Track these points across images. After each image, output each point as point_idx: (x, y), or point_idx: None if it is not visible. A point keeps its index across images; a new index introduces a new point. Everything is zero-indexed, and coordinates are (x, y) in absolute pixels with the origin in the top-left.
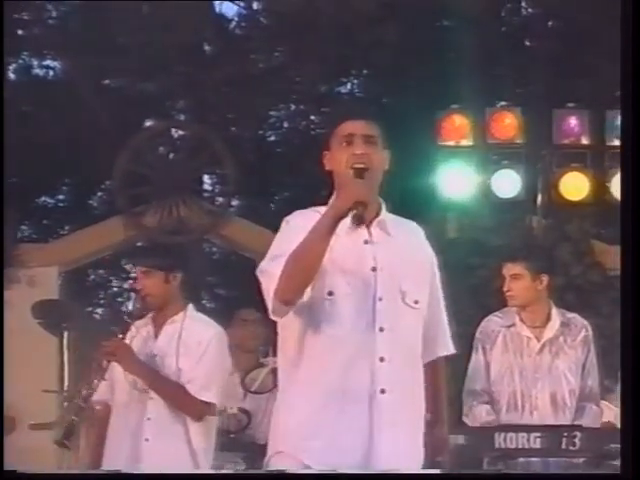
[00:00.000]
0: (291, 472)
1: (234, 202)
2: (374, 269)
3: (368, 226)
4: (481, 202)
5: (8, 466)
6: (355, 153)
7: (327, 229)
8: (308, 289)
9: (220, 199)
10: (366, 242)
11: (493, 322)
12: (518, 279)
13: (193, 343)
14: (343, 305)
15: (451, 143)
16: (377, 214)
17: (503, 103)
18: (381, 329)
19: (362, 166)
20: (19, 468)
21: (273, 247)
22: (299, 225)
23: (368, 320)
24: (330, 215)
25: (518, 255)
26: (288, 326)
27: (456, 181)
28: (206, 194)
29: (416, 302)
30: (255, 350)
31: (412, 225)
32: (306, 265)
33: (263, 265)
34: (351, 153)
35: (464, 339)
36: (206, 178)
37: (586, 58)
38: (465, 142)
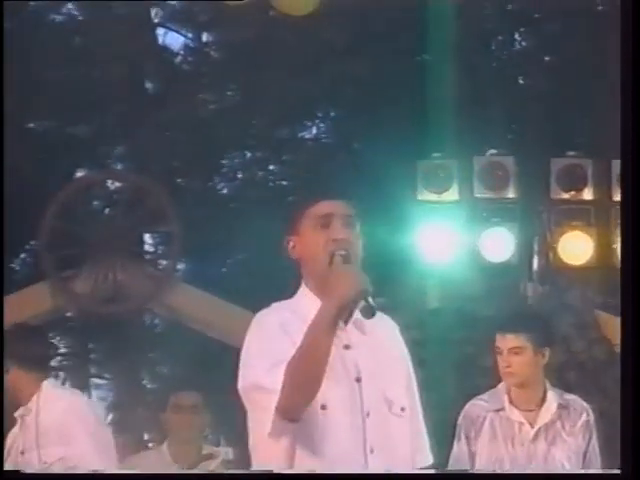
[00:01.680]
0: (291, 472)
1: (180, 265)
2: (358, 380)
3: (345, 323)
4: (467, 266)
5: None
6: (335, 238)
7: (328, 326)
8: None
9: (164, 262)
10: (346, 347)
11: (478, 406)
12: (519, 353)
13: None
14: (335, 421)
15: (433, 198)
16: (352, 312)
17: (493, 151)
18: (372, 450)
19: (344, 253)
20: None
21: (259, 355)
22: (275, 325)
23: (358, 439)
24: (334, 307)
25: (519, 325)
26: (272, 440)
27: (438, 242)
28: (147, 256)
29: (402, 409)
30: (195, 441)
31: (386, 320)
32: (314, 371)
33: (258, 380)
34: (330, 238)
35: (446, 426)
36: (147, 237)
37: (588, 99)
38: (449, 196)
